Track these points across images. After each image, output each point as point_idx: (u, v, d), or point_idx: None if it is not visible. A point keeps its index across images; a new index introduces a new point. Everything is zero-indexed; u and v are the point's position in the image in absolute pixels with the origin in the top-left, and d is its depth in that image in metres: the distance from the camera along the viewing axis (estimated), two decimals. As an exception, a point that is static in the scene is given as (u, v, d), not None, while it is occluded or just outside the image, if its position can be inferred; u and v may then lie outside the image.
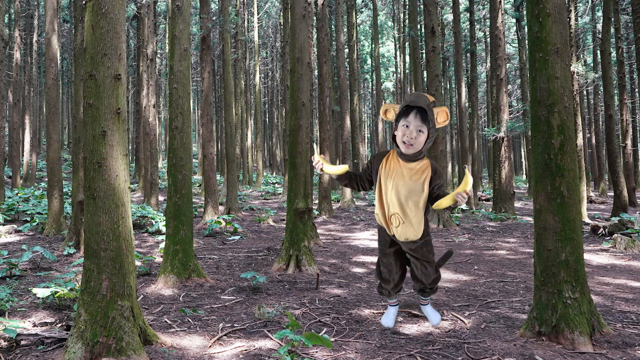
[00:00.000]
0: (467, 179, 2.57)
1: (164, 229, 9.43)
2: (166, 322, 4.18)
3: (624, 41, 24.10)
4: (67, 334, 3.64)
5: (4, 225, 10.28)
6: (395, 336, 3.81)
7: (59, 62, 10.77)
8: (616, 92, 24.55)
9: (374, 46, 26.55)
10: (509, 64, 30.38)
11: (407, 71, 29.29)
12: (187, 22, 5.89)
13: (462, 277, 6.20)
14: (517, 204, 18.48)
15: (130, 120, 31.82)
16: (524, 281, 5.87)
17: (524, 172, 38.61)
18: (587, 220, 12.52)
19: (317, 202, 15.58)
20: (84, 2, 3.43)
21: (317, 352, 3.49)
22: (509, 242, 9.43)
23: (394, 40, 34.68)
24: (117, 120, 3.30)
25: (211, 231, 10.18)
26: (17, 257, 7.01)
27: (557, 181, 3.63)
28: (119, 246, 3.26)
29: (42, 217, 10.31)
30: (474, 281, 5.93)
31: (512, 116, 18.64)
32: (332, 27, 23.27)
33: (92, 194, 3.24)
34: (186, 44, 5.83)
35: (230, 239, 9.56)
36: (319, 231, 10.34)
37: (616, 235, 8.55)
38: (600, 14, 24.81)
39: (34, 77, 29.31)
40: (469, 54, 20.28)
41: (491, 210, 14.52)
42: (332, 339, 3.72)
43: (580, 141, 13.24)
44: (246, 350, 3.52)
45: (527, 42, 7.48)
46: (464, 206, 15.06)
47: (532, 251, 4.14)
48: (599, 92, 28.00)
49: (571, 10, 13.13)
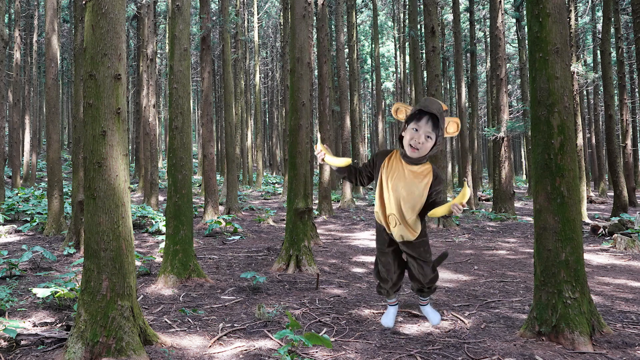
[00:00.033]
0: (464, 191, 2.62)
1: (164, 229, 9.43)
2: (166, 322, 4.18)
3: (624, 41, 24.10)
4: (67, 334, 3.64)
5: (4, 225, 10.29)
6: (395, 336, 3.81)
7: (59, 62, 10.77)
8: (616, 92, 24.55)
9: (374, 46, 26.55)
10: (509, 64, 30.38)
11: (407, 71, 29.30)
12: (187, 22, 5.90)
13: (462, 277, 6.20)
14: (517, 204, 18.48)
15: (130, 120, 31.83)
16: (524, 281, 5.87)
17: (524, 172, 38.62)
18: (587, 220, 12.51)
19: (317, 202, 15.58)
20: (84, 2, 3.43)
21: (317, 352, 3.49)
22: (509, 242, 9.43)
23: (394, 40, 34.69)
24: (117, 120, 3.30)
25: (211, 231, 10.18)
26: (17, 257, 7.01)
27: (557, 181, 3.64)
28: (119, 246, 3.26)
29: (42, 217, 10.31)
30: (474, 281, 5.93)
31: (512, 116, 18.64)
32: (332, 27, 23.26)
33: (92, 194, 3.24)
34: (186, 44, 5.84)
35: (230, 239, 9.56)
36: (319, 231, 10.35)
37: (616, 235, 8.55)
38: (600, 14, 24.81)
39: (34, 77, 29.31)
40: (469, 54, 20.28)
41: (491, 210, 14.52)
42: (332, 339, 3.72)
43: (580, 141, 13.24)
44: (246, 350, 3.52)
45: (527, 42, 7.48)
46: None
47: (532, 251, 4.14)
48: (599, 92, 28.01)
49: (571, 10, 13.13)
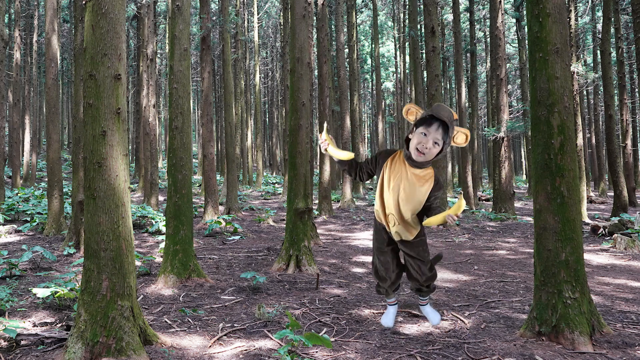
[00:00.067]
0: (460, 203, 2.65)
1: (164, 229, 9.43)
2: (166, 322, 4.18)
3: (624, 41, 24.10)
4: (67, 334, 3.64)
5: (4, 225, 10.29)
6: (395, 336, 3.81)
7: (59, 62, 10.77)
8: (616, 92, 24.55)
9: (374, 46, 26.55)
10: (509, 64, 30.38)
11: (407, 71, 29.30)
12: (187, 22, 5.90)
13: (462, 277, 6.20)
14: (517, 204, 18.48)
15: (130, 120, 31.82)
16: (524, 281, 5.87)
17: (524, 172, 38.62)
18: (587, 220, 12.51)
19: (317, 202, 15.58)
20: (84, 2, 3.43)
21: (317, 352, 3.49)
22: (509, 242, 9.43)
23: (394, 40, 34.69)
24: (117, 120, 3.30)
25: (211, 231, 10.18)
26: (17, 257, 7.01)
27: (557, 181, 3.64)
28: (119, 246, 3.26)
29: (42, 217, 10.31)
30: (474, 281, 5.93)
31: (512, 116, 18.64)
32: (332, 27, 23.26)
33: (92, 194, 3.24)
34: (186, 44, 5.84)
35: (230, 239, 9.56)
36: (319, 231, 10.35)
37: (616, 235, 8.55)
38: (600, 14, 24.81)
39: (34, 77, 29.31)
40: (469, 54, 20.28)
41: (491, 210, 14.52)
42: (332, 339, 3.72)
43: (580, 141, 13.24)
44: (246, 350, 3.52)
45: (527, 42, 7.48)
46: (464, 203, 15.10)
47: (532, 251, 4.14)
48: (599, 92, 28.01)
49: (571, 10, 13.13)
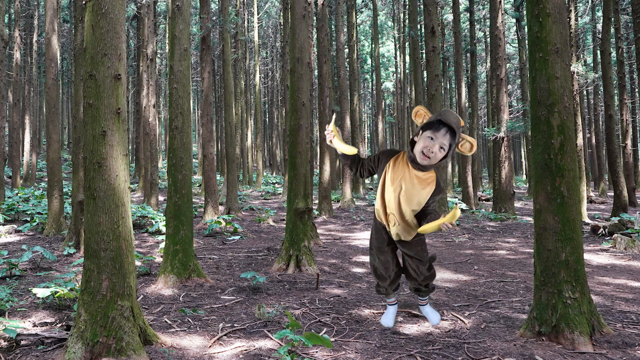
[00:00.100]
0: (455, 212, 2.67)
1: (164, 229, 9.43)
2: (166, 322, 4.18)
3: (624, 41, 24.10)
4: (67, 334, 3.64)
5: (4, 225, 10.29)
6: (395, 336, 3.81)
7: (59, 62, 10.77)
8: (616, 92, 24.57)
9: (374, 46, 26.55)
10: (509, 64, 30.38)
11: (407, 71, 29.30)
12: (187, 22, 5.90)
13: (462, 277, 6.20)
14: (517, 204, 18.48)
15: (130, 120, 31.82)
16: (524, 281, 5.87)
17: (524, 172, 38.62)
18: (587, 220, 12.51)
19: (317, 202, 15.58)
20: (84, 2, 3.43)
21: (317, 352, 3.49)
22: (509, 242, 9.43)
23: (394, 40, 34.69)
24: (117, 120, 3.30)
25: (211, 231, 10.18)
26: (17, 257, 7.01)
27: (557, 181, 3.64)
28: (119, 246, 3.26)
29: (42, 217, 10.31)
30: (474, 281, 5.93)
31: (512, 116, 18.64)
32: (332, 27, 23.27)
33: (92, 194, 3.24)
34: (186, 44, 5.83)
35: (230, 239, 9.56)
36: (319, 231, 10.35)
37: (616, 235, 8.55)
38: (600, 14, 24.81)
39: (34, 77, 29.31)
40: (469, 54, 20.28)
41: (491, 210, 14.52)
42: (332, 339, 3.72)
43: (580, 141, 13.24)
44: (246, 350, 3.52)
45: (527, 42, 7.48)
46: (463, 206, 15.14)
47: (532, 251, 4.14)
48: (599, 92, 28.00)
49: (571, 10, 13.13)
